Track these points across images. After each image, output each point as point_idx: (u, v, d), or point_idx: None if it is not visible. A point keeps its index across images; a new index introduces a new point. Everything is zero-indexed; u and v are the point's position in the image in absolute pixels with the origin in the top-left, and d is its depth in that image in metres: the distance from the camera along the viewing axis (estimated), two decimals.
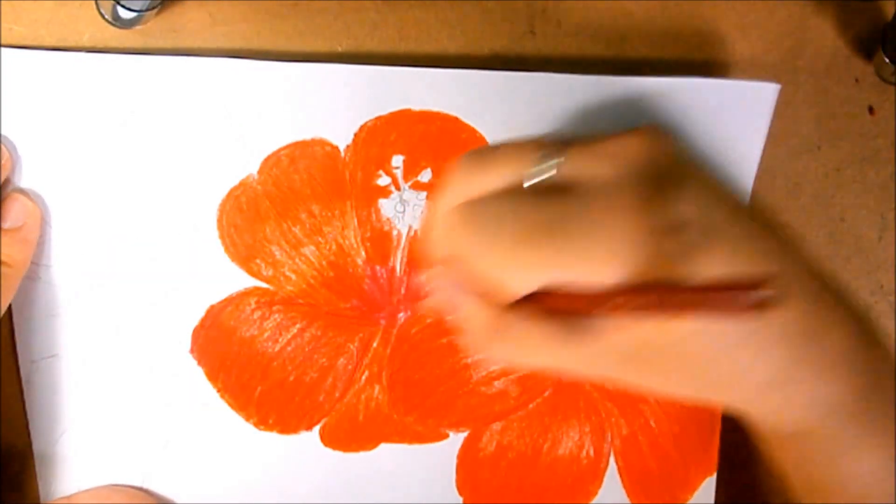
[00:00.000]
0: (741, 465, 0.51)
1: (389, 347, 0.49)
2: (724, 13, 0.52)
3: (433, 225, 0.42)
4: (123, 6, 0.43)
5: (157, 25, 0.46)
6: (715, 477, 0.51)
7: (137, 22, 0.45)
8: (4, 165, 0.44)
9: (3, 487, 0.47)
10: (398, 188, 0.48)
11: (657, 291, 0.36)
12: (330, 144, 0.47)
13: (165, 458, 0.47)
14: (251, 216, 0.47)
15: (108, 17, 0.45)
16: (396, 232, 0.48)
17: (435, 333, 0.49)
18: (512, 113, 0.48)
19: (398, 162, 0.48)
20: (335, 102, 0.47)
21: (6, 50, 0.44)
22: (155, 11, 0.44)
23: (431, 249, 0.42)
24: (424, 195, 0.48)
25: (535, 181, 0.39)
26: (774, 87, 0.50)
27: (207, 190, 0.47)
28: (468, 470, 0.50)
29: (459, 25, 0.49)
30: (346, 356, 0.48)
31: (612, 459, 0.51)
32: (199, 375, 0.47)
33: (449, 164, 0.42)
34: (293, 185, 0.47)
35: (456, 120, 0.48)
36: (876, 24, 0.53)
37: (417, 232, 0.49)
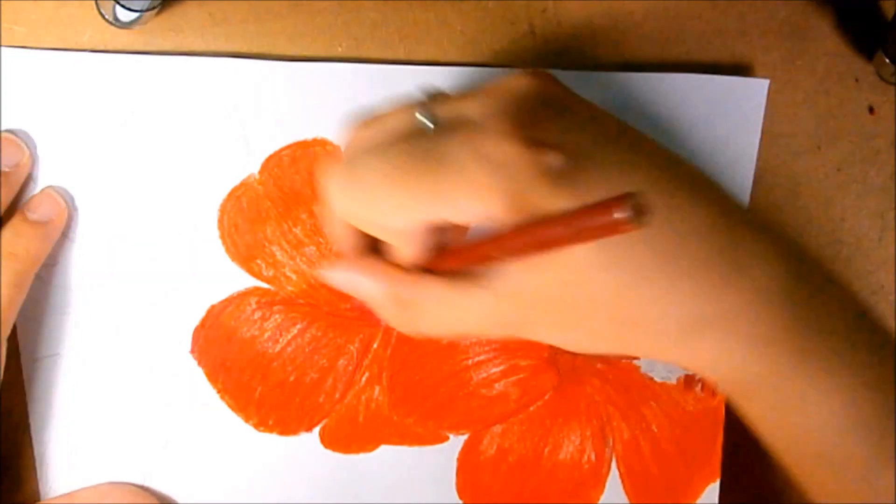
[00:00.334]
0: (745, 470, 0.52)
1: (390, 349, 0.49)
2: (724, 13, 0.52)
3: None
4: (123, 6, 0.44)
5: (157, 25, 0.47)
6: (718, 482, 0.51)
7: (137, 22, 0.46)
8: (25, 163, 0.45)
9: (3, 486, 0.47)
10: None
11: (528, 226, 0.35)
12: (331, 144, 0.48)
13: (165, 458, 0.48)
14: (252, 216, 0.48)
15: (108, 17, 0.46)
16: None
17: (436, 335, 0.48)
18: None
19: None
20: (336, 102, 0.48)
21: (6, 50, 0.45)
22: (155, 11, 0.45)
23: (326, 215, 0.42)
24: None
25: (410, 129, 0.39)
26: (764, 82, 0.51)
27: (208, 190, 0.47)
28: (468, 473, 0.50)
29: (459, 25, 0.50)
30: (346, 357, 0.49)
31: (613, 464, 0.51)
32: (199, 376, 0.48)
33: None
34: (294, 185, 0.48)
35: None
36: (876, 24, 0.54)
37: None
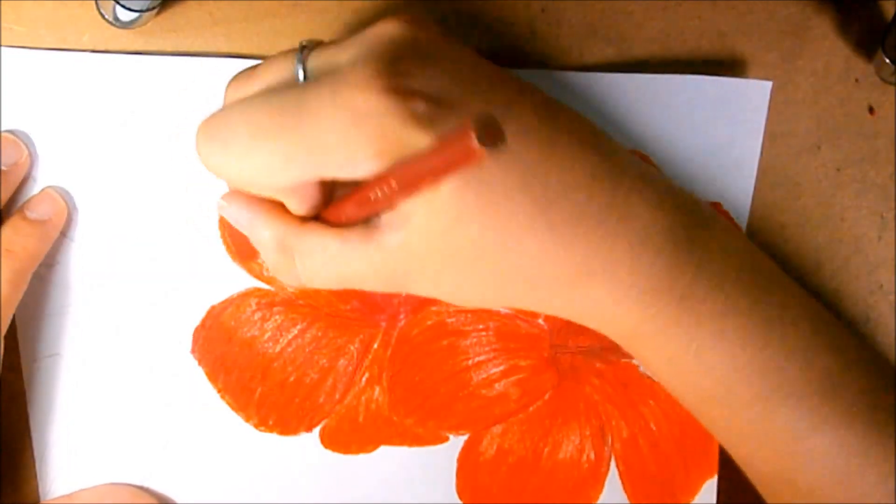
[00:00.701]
0: None
1: (390, 349, 0.50)
2: (724, 13, 0.53)
3: None
4: (123, 6, 0.44)
5: (157, 25, 0.47)
6: (716, 478, 0.52)
7: (137, 22, 0.46)
8: (24, 162, 0.46)
9: (2, 486, 0.48)
10: None
11: (392, 168, 0.35)
12: None
13: (165, 458, 0.49)
14: None
15: (108, 17, 0.46)
16: None
17: (435, 335, 0.50)
18: None
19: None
20: None
21: (6, 50, 0.46)
22: (155, 11, 0.46)
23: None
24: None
25: (279, 81, 0.39)
26: (767, 84, 0.52)
27: (210, 190, 0.47)
28: (468, 473, 0.51)
29: (459, 25, 0.50)
30: (346, 357, 0.50)
31: (612, 463, 0.52)
32: (199, 376, 0.48)
33: None
34: None
35: None
36: (876, 24, 0.54)
37: None
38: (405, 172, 0.35)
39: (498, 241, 0.38)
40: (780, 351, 0.40)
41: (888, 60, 0.52)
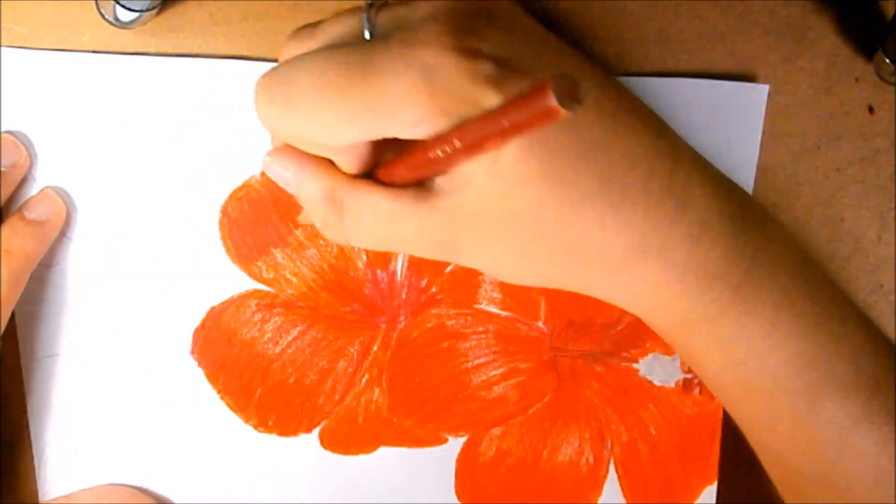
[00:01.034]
0: (742, 472, 0.53)
1: (390, 351, 0.51)
2: (723, 13, 0.53)
3: None
4: (123, 6, 0.45)
5: (157, 25, 0.48)
6: (716, 485, 0.53)
7: (137, 22, 0.47)
8: (23, 163, 0.46)
9: (1, 487, 0.48)
10: None
11: (460, 126, 0.35)
12: None
13: (165, 458, 0.49)
14: (253, 218, 0.49)
15: (108, 17, 0.47)
16: None
17: (435, 337, 0.51)
18: None
19: None
20: None
21: (6, 50, 0.46)
22: (155, 11, 0.46)
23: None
24: None
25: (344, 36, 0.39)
26: (764, 88, 0.52)
27: (210, 191, 0.49)
28: (467, 475, 0.52)
29: None
30: (346, 359, 0.50)
31: (611, 466, 0.52)
32: (199, 376, 0.49)
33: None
34: None
35: None
36: (876, 24, 0.54)
37: None
38: (470, 131, 0.35)
39: (557, 209, 0.37)
40: (829, 346, 0.40)
41: (888, 60, 0.53)
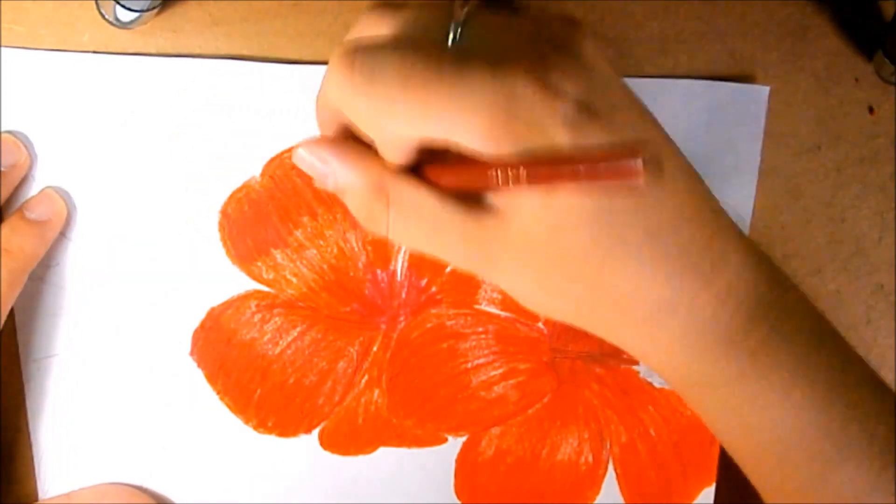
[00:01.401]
0: (740, 475, 0.51)
1: (389, 351, 0.51)
2: (723, 13, 0.54)
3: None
4: (123, 6, 0.46)
5: (157, 25, 0.48)
6: (714, 487, 0.54)
7: (137, 22, 0.47)
8: (23, 163, 0.47)
9: (1, 486, 0.49)
10: None
11: (538, 155, 0.36)
12: None
13: (164, 459, 0.50)
14: (253, 218, 0.49)
15: (108, 17, 0.47)
16: None
17: (435, 338, 0.52)
18: None
19: None
20: None
21: (6, 50, 0.47)
22: (155, 11, 0.47)
23: (320, 98, 0.42)
24: None
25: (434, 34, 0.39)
26: (765, 89, 0.53)
27: (210, 191, 0.49)
28: (467, 474, 0.52)
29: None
30: (346, 360, 0.51)
31: (610, 466, 0.53)
32: (198, 377, 0.50)
33: None
34: (295, 187, 0.50)
35: None
36: (876, 24, 0.55)
37: None
38: (542, 166, 0.36)
39: (602, 255, 0.38)
40: (843, 416, 0.41)
41: (888, 60, 0.53)
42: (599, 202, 0.37)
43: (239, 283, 0.50)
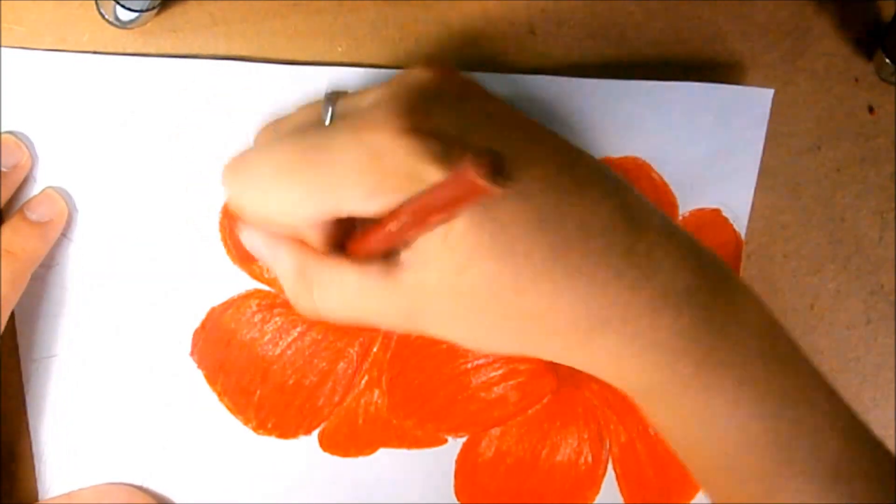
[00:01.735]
0: None
1: (389, 352, 0.52)
2: (724, 13, 0.54)
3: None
4: (123, 6, 0.46)
5: (157, 25, 0.49)
6: None
7: (137, 22, 0.48)
8: (25, 163, 0.47)
9: (1, 486, 0.49)
10: None
11: (404, 203, 0.37)
12: None
13: (164, 460, 0.50)
14: None
15: (108, 17, 0.48)
16: None
17: (435, 339, 0.51)
18: None
19: None
20: None
21: (6, 50, 0.47)
22: (155, 11, 0.47)
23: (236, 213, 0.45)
24: None
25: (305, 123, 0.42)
26: (769, 92, 0.54)
27: (210, 191, 0.49)
28: (467, 475, 0.53)
29: (459, 25, 0.51)
30: (345, 360, 0.51)
31: (609, 466, 0.54)
32: (198, 378, 0.50)
33: None
34: None
35: None
36: (876, 24, 0.56)
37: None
38: (416, 207, 0.37)
39: (513, 282, 0.38)
40: (792, 427, 0.40)
41: (888, 60, 0.54)
42: (491, 229, 0.38)
43: (239, 282, 0.50)
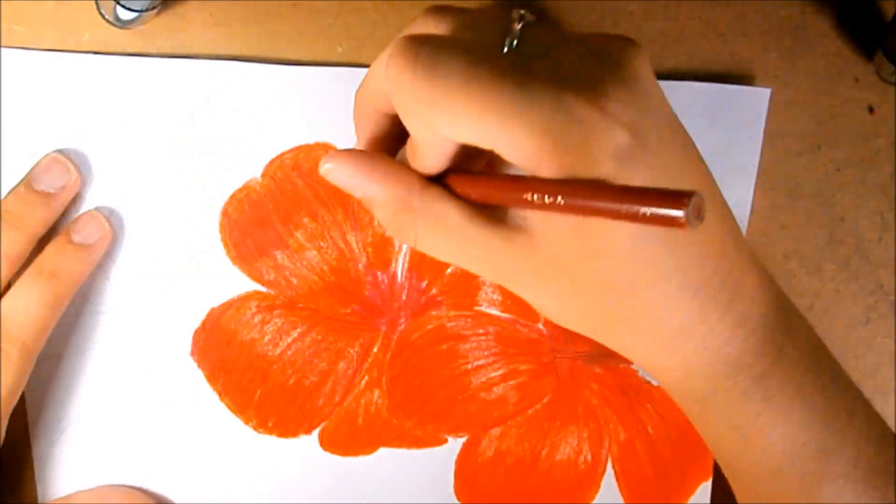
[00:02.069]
0: None
1: (389, 352, 0.52)
2: (724, 13, 0.55)
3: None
4: (123, 6, 0.46)
5: (157, 25, 0.49)
6: (710, 482, 0.55)
7: (137, 22, 0.48)
8: (73, 184, 0.48)
9: (1, 488, 0.49)
10: None
11: (582, 184, 0.36)
12: (333, 148, 0.50)
13: (164, 459, 0.51)
14: (254, 219, 0.50)
15: (108, 17, 0.48)
16: None
17: (435, 339, 0.53)
18: None
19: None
20: (339, 106, 0.50)
21: (6, 50, 0.47)
22: (155, 11, 0.48)
23: (365, 88, 0.43)
24: None
25: (505, 41, 0.39)
26: (766, 91, 0.54)
27: (210, 192, 0.50)
28: (466, 475, 0.53)
29: None
30: (346, 361, 0.52)
31: (609, 465, 0.54)
32: (199, 378, 0.51)
33: None
34: (296, 188, 0.50)
35: None
36: (876, 24, 0.56)
37: None
38: (581, 195, 0.35)
39: (630, 283, 0.39)
40: (835, 438, 0.43)
41: (888, 60, 0.54)
42: (633, 235, 0.38)
43: (239, 283, 0.51)
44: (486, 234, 0.40)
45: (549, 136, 0.36)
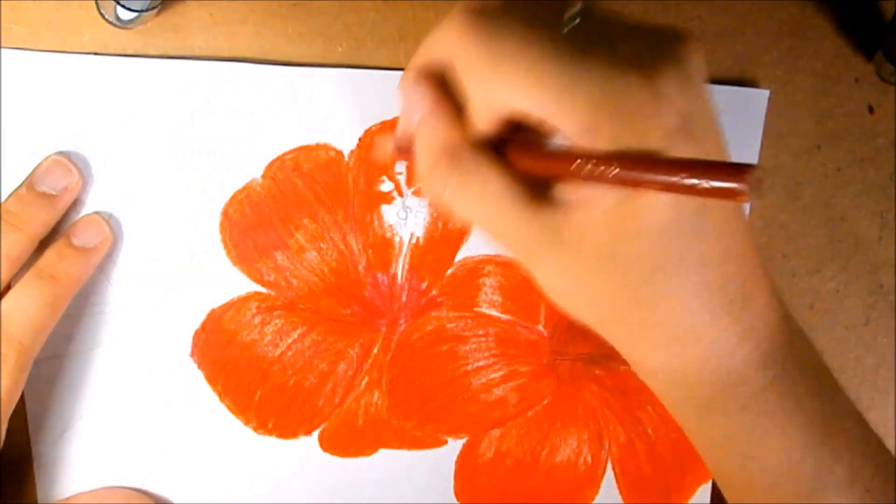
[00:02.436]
0: None
1: (389, 354, 0.53)
2: (724, 13, 0.55)
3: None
4: (124, 6, 0.47)
5: (157, 25, 0.49)
6: (710, 483, 0.56)
7: (137, 22, 0.48)
8: (74, 186, 0.48)
9: (2, 488, 0.50)
10: (401, 194, 0.52)
11: (628, 157, 0.37)
12: (334, 149, 0.51)
13: (164, 460, 0.51)
14: (254, 220, 0.51)
15: (108, 17, 0.48)
16: (398, 239, 0.52)
17: (435, 340, 0.53)
18: None
19: (401, 168, 0.51)
20: (340, 107, 0.51)
21: (6, 50, 0.48)
22: (155, 11, 0.48)
23: (427, 47, 0.43)
24: (427, 202, 0.52)
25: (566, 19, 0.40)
26: (764, 93, 0.55)
27: (211, 193, 0.50)
28: (466, 476, 0.54)
29: None
30: (346, 362, 0.52)
31: (609, 466, 0.55)
32: (199, 378, 0.51)
33: None
34: (297, 189, 0.51)
35: None
36: (876, 24, 0.57)
37: (419, 238, 0.52)
38: (638, 166, 0.36)
39: (653, 270, 0.40)
40: (831, 456, 0.44)
41: (888, 60, 0.55)
42: (671, 216, 0.39)
43: (239, 284, 0.51)
44: (518, 206, 0.40)
45: (603, 108, 0.37)
